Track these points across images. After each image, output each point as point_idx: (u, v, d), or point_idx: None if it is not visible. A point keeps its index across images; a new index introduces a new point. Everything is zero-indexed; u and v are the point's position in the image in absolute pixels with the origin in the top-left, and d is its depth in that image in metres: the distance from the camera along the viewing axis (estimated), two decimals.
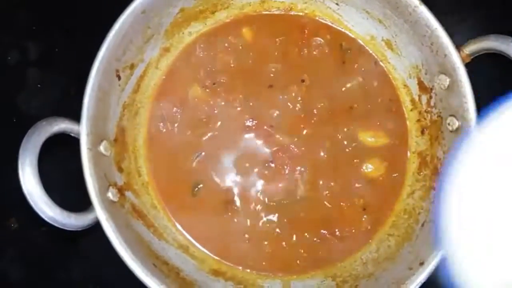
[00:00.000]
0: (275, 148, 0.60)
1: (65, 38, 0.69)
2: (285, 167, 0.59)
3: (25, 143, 0.46)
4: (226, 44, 0.62)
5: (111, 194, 0.53)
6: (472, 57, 0.53)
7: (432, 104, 0.58)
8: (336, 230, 0.58)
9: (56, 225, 0.47)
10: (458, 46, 0.53)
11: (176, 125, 0.61)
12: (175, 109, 0.61)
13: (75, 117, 0.52)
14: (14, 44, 0.69)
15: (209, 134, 0.60)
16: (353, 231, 0.58)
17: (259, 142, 0.60)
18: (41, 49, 0.69)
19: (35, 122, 0.66)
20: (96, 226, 0.52)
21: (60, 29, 0.69)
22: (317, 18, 0.63)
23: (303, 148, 0.60)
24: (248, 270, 0.58)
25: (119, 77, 0.56)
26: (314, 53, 0.62)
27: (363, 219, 0.59)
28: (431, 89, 0.57)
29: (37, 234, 0.64)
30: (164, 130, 0.61)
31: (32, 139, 0.46)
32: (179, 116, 0.61)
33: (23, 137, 0.65)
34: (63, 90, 0.68)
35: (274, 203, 0.59)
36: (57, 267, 0.65)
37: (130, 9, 0.53)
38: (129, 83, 0.58)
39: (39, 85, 0.68)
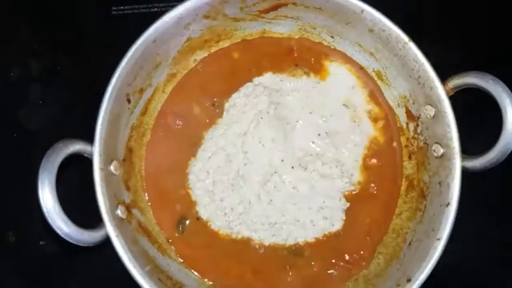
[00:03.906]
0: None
1: (67, 56, 0.72)
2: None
3: (44, 164, 0.49)
4: (223, 69, 0.66)
5: (120, 212, 0.56)
6: (455, 90, 0.57)
7: (418, 131, 0.63)
8: (346, 255, 0.62)
9: (70, 241, 0.50)
10: (443, 80, 0.57)
11: (174, 144, 0.64)
12: (176, 126, 0.64)
13: (77, 133, 0.54)
14: (17, 60, 0.72)
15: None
16: (362, 253, 0.62)
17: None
18: (43, 66, 0.72)
19: (35, 137, 0.68)
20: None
21: (62, 47, 0.72)
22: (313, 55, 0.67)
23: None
24: None
25: (129, 101, 0.60)
26: None
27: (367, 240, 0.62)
28: (418, 117, 0.62)
29: (34, 247, 0.66)
30: (163, 151, 0.63)
31: (50, 160, 0.49)
32: (177, 134, 0.64)
33: (24, 153, 0.67)
34: (64, 106, 0.70)
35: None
36: (54, 281, 0.66)
37: (142, 38, 0.57)
38: (137, 106, 0.62)
39: (40, 101, 0.71)
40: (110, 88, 0.55)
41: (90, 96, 0.56)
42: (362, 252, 0.62)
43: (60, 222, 0.48)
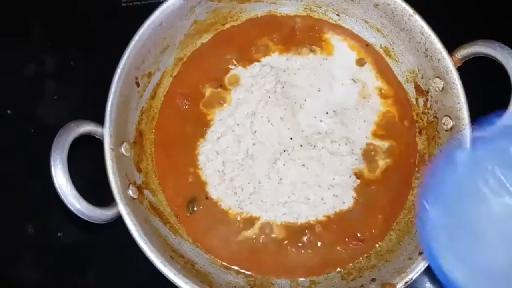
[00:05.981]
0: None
1: (80, 51, 0.73)
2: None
3: (56, 142, 0.51)
4: (228, 50, 0.66)
5: (131, 192, 0.57)
6: (463, 61, 0.57)
7: (428, 106, 0.62)
8: (358, 233, 0.61)
9: (83, 217, 0.51)
10: (450, 51, 0.57)
11: (182, 125, 0.64)
12: (184, 107, 0.65)
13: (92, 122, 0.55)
14: (31, 57, 0.74)
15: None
16: (373, 231, 0.61)
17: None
18: (57, 62, 0.73)
19: (53, 132, 0.69)
20: (113, 231, 0.55)
21: (74, 42, 0.73)
22: (316, 28, 0.67)
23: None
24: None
25: (138, 84, 0.61)
26: None
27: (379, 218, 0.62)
28: (427, 92, 0.61)
29: (53, 239, 0.67)
30: (171, 133, 0.64)
31: (62, 138, 0.51)
32: (186, 116, 0.64)
33: (41, 147, 0.69)
34: (79, 100, 0.72)
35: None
36: (73, 272, 0.67)
37: (148, 21, 0.58)
38: (146, 90, 0.63)
39: (55, 97, 0.72)
40: (118, 70, 0.56)
41: (103, 88, 0.57)
42: (374, 231, 0.61)
43: (72, 199, 0.50)
